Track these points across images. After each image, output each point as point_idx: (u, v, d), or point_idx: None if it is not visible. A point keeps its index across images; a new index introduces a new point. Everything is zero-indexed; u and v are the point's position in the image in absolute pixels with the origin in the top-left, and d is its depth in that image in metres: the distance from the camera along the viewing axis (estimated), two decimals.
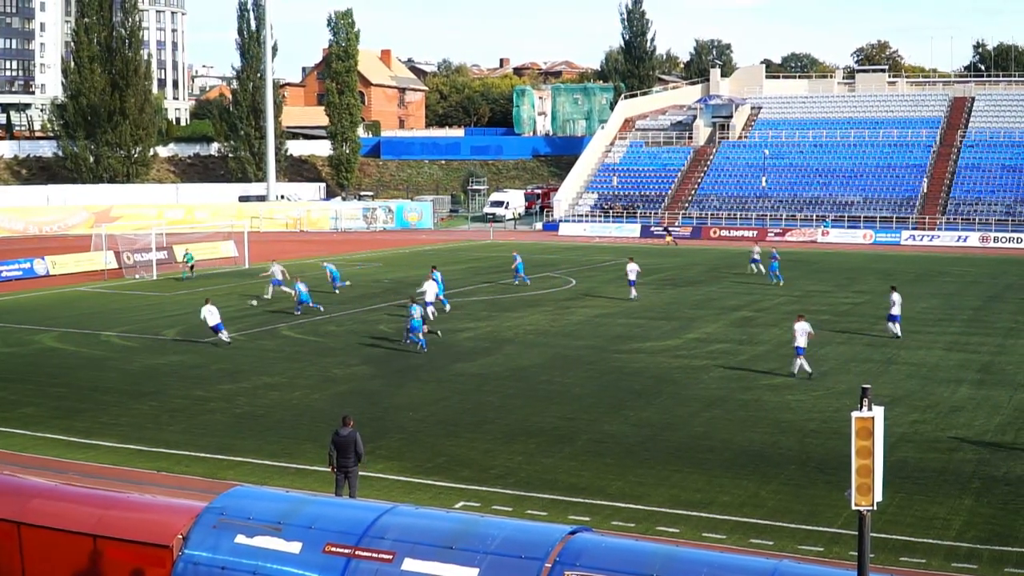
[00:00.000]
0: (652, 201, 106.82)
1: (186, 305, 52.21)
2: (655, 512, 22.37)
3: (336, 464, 21.95)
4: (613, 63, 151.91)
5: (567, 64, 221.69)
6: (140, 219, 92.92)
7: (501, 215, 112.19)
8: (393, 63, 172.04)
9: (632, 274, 54.71)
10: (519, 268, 59.00)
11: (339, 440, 21.84)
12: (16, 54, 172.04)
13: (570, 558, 13.83)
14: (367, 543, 14.52)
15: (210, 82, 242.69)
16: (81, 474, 24.60)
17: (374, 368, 37.37)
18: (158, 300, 53.93)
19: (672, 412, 30.96)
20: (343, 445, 21.80)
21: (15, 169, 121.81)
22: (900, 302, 43.09)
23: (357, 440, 21.93)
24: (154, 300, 53.94)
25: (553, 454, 26.67)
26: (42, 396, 33.51)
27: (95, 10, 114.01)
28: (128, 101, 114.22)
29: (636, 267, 55.11)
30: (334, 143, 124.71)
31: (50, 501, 16.87)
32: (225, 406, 32.08)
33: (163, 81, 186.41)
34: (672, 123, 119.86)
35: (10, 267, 65.82)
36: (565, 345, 41.76)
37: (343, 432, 21.89)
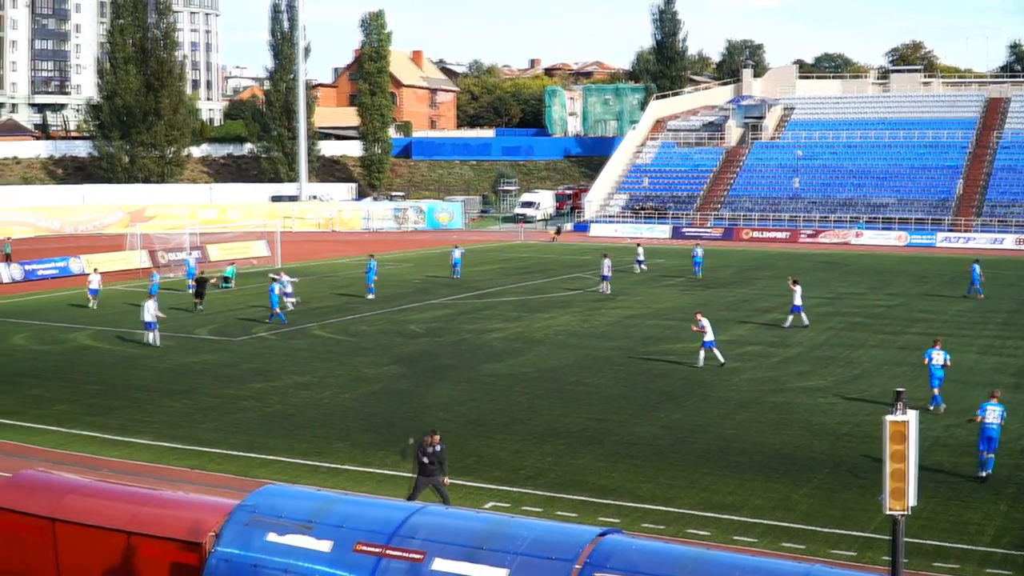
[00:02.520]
0: (683, 202, 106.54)
1: (219, 304, 52.47)
2: (686, 514, 22.34)
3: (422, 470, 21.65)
4: (644, 63, 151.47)
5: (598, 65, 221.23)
6: (174, 219, 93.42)
7: (531, 216, 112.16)
8: (424, 64, 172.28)
9: (606, 269, 56.89)
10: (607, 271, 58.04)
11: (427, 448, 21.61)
12: (52, 55, 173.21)
13: (600, 560, 13.84)
14: (397, 542, 14.57)
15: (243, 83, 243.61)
16: (115, 471, 24.78)
17: (404, 368, 37.45)
18: (191, 299, 54.10)
19: (703, 414, 30.89)
20: (430, 453, 21.58)
21: (51, 169, 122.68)
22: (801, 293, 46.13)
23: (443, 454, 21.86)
24: (187, 299, 54.17)
25: (583, 455, 26.67)
26: (77, 394, 33.76)
27: (130, 12, 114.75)
28: (162, 102, 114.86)
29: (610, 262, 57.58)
30: (365, 143, 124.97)
31: (84, 498, 17.00)
32: (257, 405, 32.24)
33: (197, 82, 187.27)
34: (703, 124, 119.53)
35: (45, 266, 66.30)
36: (595, 346, 41.73)
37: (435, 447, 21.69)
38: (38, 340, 43.38)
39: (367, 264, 55.92)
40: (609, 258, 57.62)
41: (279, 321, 46.76)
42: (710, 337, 37.42)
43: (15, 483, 17.79)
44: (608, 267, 56.91)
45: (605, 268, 56.81)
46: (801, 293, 45.94)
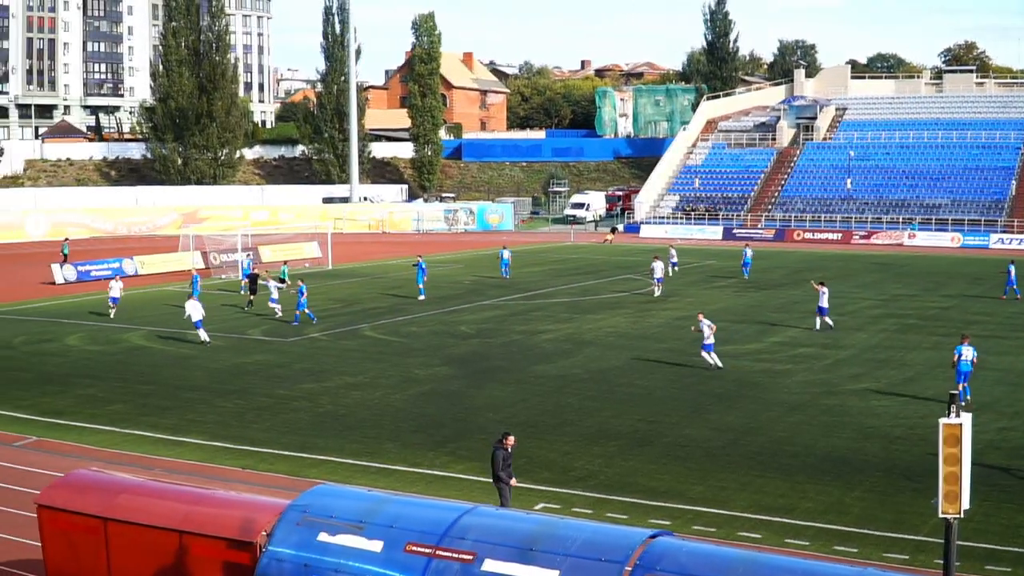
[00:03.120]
0: (734, 203, 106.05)
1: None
2: (737, 517, 22.22)
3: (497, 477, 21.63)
4: (696, 64, 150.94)
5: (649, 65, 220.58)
6: (226, 220, 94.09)
7: (582, 217, 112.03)
8: (475, 65, 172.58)
9: (658, 271, 56.66)
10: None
11: (502, 453, 21.56)
12: (105, 57, 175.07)
13: (650, 562, 13.78)
14: (448, 543, 14.57)
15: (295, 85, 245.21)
16: (167, 470, 24.99)
17: (455, 369, 37.51)
18: (243, 299, 54.53)
19: (754, 416, 30.72)
20: (504, 458, 21.53)
21: (104, 171, 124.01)
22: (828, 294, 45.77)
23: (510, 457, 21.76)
24: (240, 300, 54.58)
25: (633, 457, 26.59)
26: (130, 394, 34.09)
27: (183, 14, 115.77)
28: (215, 104, 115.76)
29: (662, 264, 57.51)
30: (416, 145, 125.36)
31: (136, 497, 17.12)
32: (308, 405, 32.41)
33: (249, 84, 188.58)
34: (755, 124, 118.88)
35: (99, 267, 66.99)
36: (646, 348, 41.62)
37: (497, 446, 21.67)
38: (92, 340, 43.84)
39: (417, 265, 56.08)
40: (661, 260, 57.38)
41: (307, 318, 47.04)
42: (709, 341, 37.17)
43: (68, 483, 17.94)
44: (660, 269, 56.65)
45: (657, 270, 56.51)
46: (828, 295, 45.54)
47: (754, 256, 66.95)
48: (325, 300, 54.94)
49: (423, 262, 56.30)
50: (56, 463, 25.66)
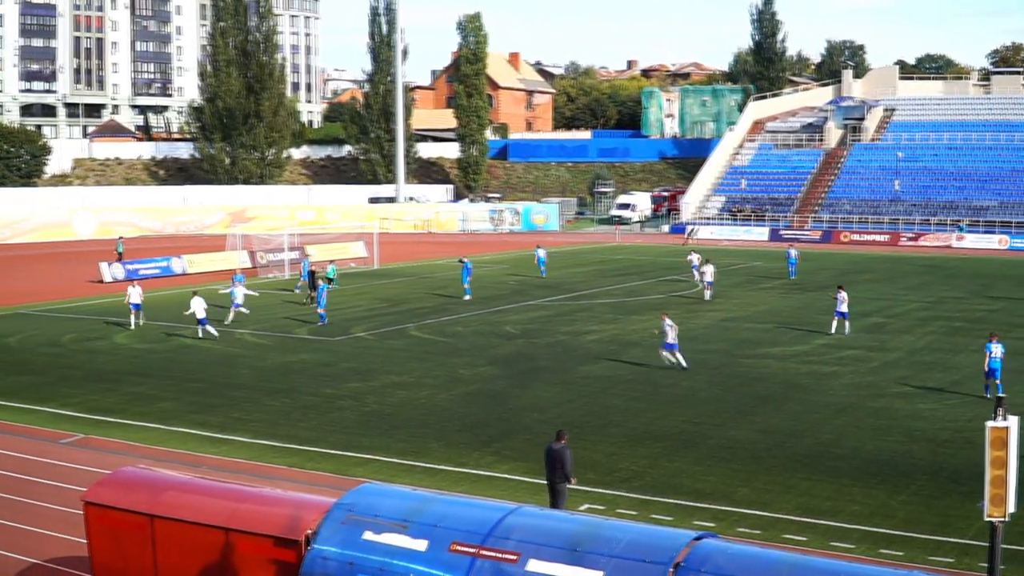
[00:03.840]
0: (781, 204, 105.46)
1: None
2: (782, 519, 22.11)
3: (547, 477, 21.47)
4: (743, 64, 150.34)
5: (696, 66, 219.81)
6: (273, 219, 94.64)
7: (627, 217, 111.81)
8: (521, 66, 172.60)
9: (709, 274, 55.85)
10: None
11: (550, 453, 21.37)
12: (154, 57, 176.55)
13: (695, 564, 13.73)
14: (492, 543, 14.58)
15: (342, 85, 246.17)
16: (214, 468, 25.18)
17: (500, 369, 37.54)
18: (290, 298, 54.86)
19: (800, 418, 30.55)
20: (551, 459, 21.33)
21: (153, 170, 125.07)
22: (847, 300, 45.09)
23: (566, 456, 21.31)
24: (286, 299, 54.90)
25: (678, 458, 26.52)
26: (178, 391, 34.36)
27: (231, 15, 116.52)
28: (263, 104, 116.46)
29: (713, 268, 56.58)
30: (462, 145, 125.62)
31: (183, 494, 17.23)
32: (354, 404, 32.54)
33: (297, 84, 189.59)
34: (803, 125, 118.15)
35: (147, 265, 67.61)
36: (691, 349, 41.39)
37: (555, 446, 21.40)
38: (140, 338, 44.22)
39: (462, 266, 56.18)
40: (712, 263, 56.76)
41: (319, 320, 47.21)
42: (672, 340, 37.11)
43: (115, 480, 18.08)
44: (711, 272, 55.85)
45: (708, 274, 55.74)
46: (846, 300, 44.83)
47: (799, 256, 66.64)
48: (371, 300, 55.17)
49: (468, 262, 56.41)
50: (103, 460, 25.91)
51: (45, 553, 20.33)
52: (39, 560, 20.03)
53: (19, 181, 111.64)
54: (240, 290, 48.18)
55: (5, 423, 30.49)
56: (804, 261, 66.67)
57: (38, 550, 20.51)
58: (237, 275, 52.70)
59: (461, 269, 56.37)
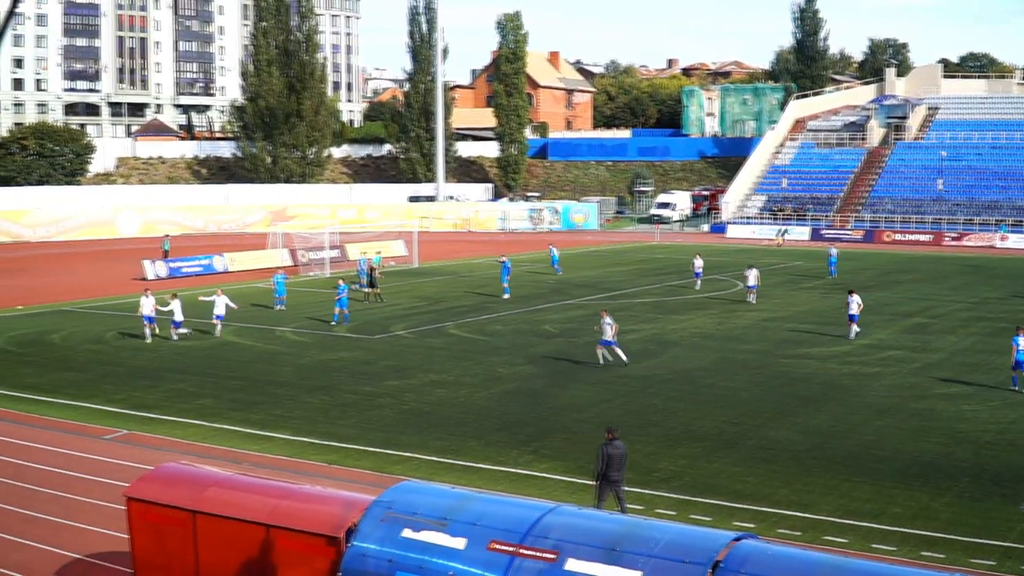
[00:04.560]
0: (823, 203, 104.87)
1: (356, 303, 53.23)
2: (822, 521, 21.99)
3: (604, 476, 21.31)
4: (784, 63, 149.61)
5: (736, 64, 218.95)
6: (314, 218, 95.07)
7: (667, 217, 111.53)
8: (561, 65, 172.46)
9: (752, 278, 54.23)
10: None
11: (613, 452, 21.26)
12: (197, 57, 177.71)
13: (735, 565, 13.68)
14: (531, 542, 14.58)
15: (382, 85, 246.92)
16: (255, 465, 25.33)
17: (539, 368, 37.53)
18: (330, 297, 55.03)
19: (841, 419, 30.37)
20: (616, 458, 21.26)
21: (195, 169, 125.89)
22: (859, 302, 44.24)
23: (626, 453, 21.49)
24: (326, 297, 55.07)
25: (718, 459, 26.42)
26: (220, 388, 34.58)
27: (272, 15, 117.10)
28: (304, 103, 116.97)
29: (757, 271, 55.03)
30: (502, 144, 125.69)
31: (224, 490, 17.33)
32: (393, 402, 32.63)
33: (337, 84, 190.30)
34: (845, 124, 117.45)
35: (190, 263, 68.11)
36: (731, 349, 41.32)
37: (618, 444, 21.36)
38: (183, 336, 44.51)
39: (500, 265, 56.19)
40: (756, 268, 55.48)
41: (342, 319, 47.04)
42: (608, 337, 37.30)
43: (157, 476, 18.22)
44: (754, 276, 54.22)
45: (751, 278, 54.24)
46: (859, 303, 43.89)
47: (839, 255, 66.22)
48: (411, 298, 55.31)
49: (508, 261, 56.43)
50: (146, 456, 26.10)
51: (88, 548, 20.52)
52: (81, 555, 20.21)
53: (63, 180, 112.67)
54: (223, 300, 44.99)
55: (49, 419, 30.79)
56: (847, 261, 66.31)
57: (81, 545, 20.70)
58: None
59: (500, 268, 56.39)
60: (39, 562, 19.96)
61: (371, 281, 54.32)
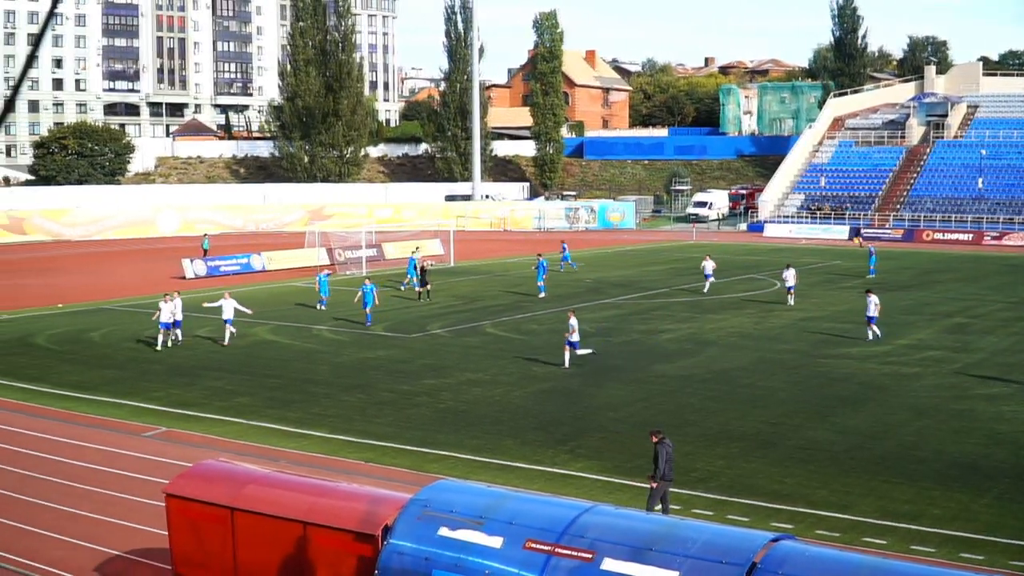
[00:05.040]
0: (862, 202, 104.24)
1: (394, 302, 53.37)
2: (861, 522, 21.85)
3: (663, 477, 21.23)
4: (822, 61, 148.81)
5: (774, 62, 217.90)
6: (351, 217, 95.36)
7: (704, 215, 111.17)
8: (598, 63, 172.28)
9: (790, 279, 52.92)
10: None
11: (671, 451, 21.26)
12: (235, 57, 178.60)
13: (773, 566, 13.61)
14: (567, 541, 14.57)
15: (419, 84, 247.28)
16: (293, 462, 25.43)
17: (574, 367, 37.46)
18: (400, 295, 55.12)
19: (881, 420, 30.17)
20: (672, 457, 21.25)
21: (234, 168, 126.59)
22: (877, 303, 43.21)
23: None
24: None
25: (755, 459, 26.31)
26: (257, 386, 34.74)
27: (310, 15, 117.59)
28: (341, 103, 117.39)
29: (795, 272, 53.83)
30: (538, 143, 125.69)
31: (263, 488, 17.42)
32: (430, 400, 32.68)
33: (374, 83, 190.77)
34: (884, 122, 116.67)
35: (228, 262, 68.46)
36: (769, 348, 41.14)
37: (669, 443, 21.31)
38: (220, 334, 44.70)
39: (537, 264, 56.07)
40: (793, 268, 54.23)
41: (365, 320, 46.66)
42: (575, 338, 36.98)
43: (196, 473, 18.33)
44: (792, 277, 52.96)
45: (790, 278, 53.03)
46: (876, 303, 42.94)
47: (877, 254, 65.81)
48: (447, 297, 55.37)
49: (544, 260, 56.37)
50: (184, 453, 26.27)
51: (127, 544, 20.66)
52: (121, 552, 20.36)
53: (103, 179, 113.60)
54: (231, 304, 42.92)
55: (89, 416, 31.05)
56: (886, 260, 65.89)
57: (120, 541, 20.84)
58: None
59: (536, 267, 56.33)
60: (79, 558, 20.12)
61: (423, 279, 54.52)
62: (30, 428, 29.70)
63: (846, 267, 70.48)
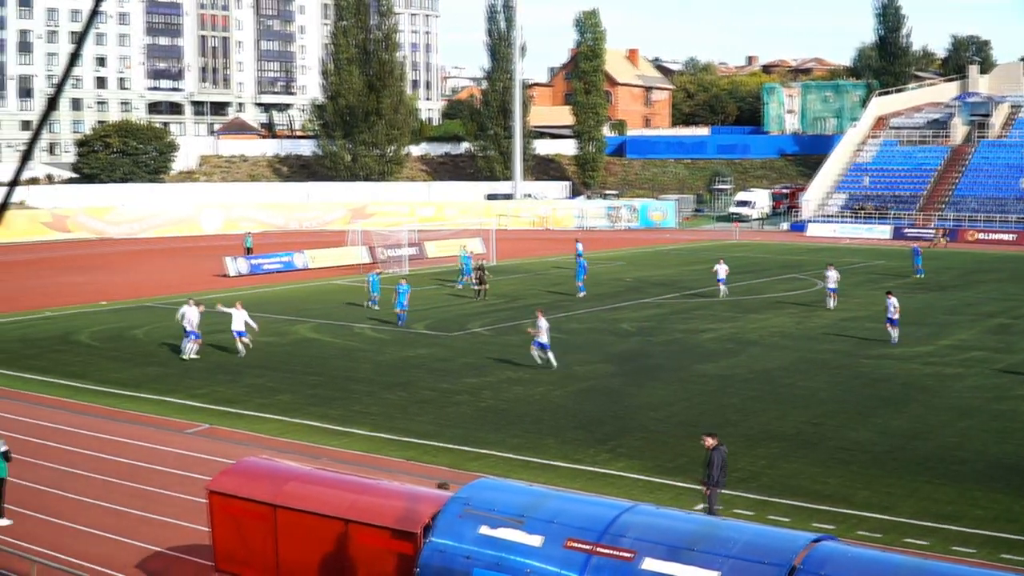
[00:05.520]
0: (905, 202, 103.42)
1: (435, 300, 53.51)
2: (903, 523, 21.75)
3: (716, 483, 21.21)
4: (866, 60, 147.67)
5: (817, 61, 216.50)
6: (393, 216, 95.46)
7: (746, 215, 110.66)
8: (640, 62, 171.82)
9: (831, 281, 51.35)
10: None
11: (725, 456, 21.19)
12: (278, 56, 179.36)
13: (814, 566, 13.59)
14: (608, 540, 14.60)
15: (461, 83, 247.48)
16: (334, 460, 25.56)
17: (615, 366, 37.46)
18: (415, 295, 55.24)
19: (922, 421, 29.98)
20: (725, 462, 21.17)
21: (276, 167, 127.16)
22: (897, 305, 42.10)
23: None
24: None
25: (797, 460, 26.22)
26: (299, 384, 34.93)
27: (352, 14, 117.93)
28: (383, 102, 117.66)
29: (836, 273, 51.93)
30: (580, 142, 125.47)
31: (304, 485, 17.55)
32: (470, 399, 32.75)
33: (416, 82, 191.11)
34: (927, 121, 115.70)
35: (271, 260, 68.85)
36: (810, 348, 40.94)
37: (723, 448, 21.24)
38: (262, 332, 44.93)
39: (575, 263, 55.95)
40: (835, 269, 52.58)
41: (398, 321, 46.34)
42: (544, 339, 36.55)
43: (238, 470, 18.48)
44: (834, 279, 51.44)
45: (831, 280, 51.26)
46: (895, 305, 41.81)
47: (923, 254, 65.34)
48: (488, 295, 55.40)
49: (584, 260, 56.25)
50: (227, 450, 26.47)
51: (169, 541, 20.85)
52: (163, 548, 20.54)
53: (147, 177, 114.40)
54: (241, 316, 40.39)
55: (132, 413, 31.33)
56: (929, 260, 65.37)
57: (162, 538, 21.03)
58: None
59: (576, 266, 56.20)
60: (121, 555, 20.32)
61: (481, 278, 54.64)
62: (73, 425, 30.01)
63: (888, 267, 70.00)
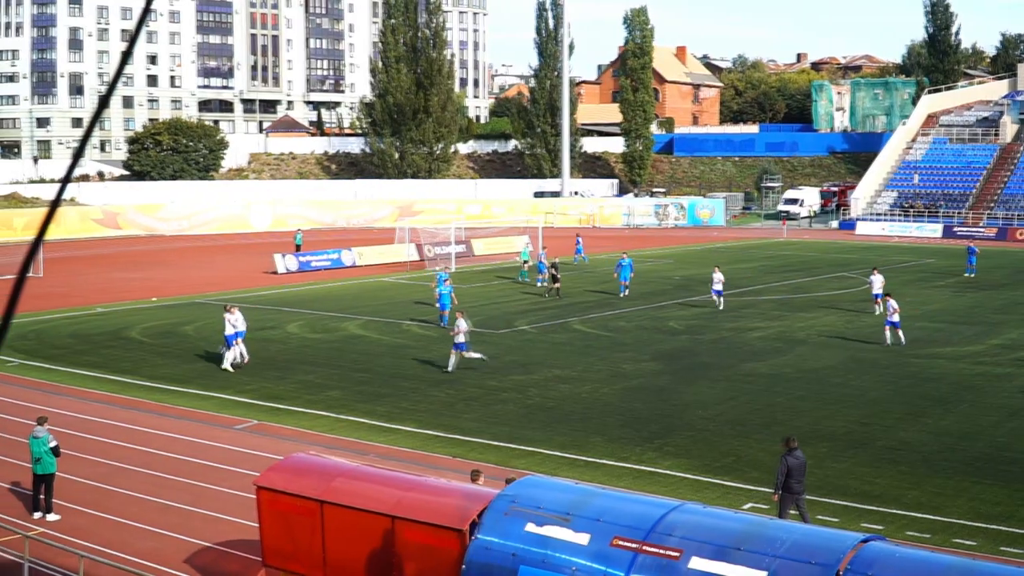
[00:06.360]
0: (955, 200, 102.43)
1: (481, 297, 53.58)
2: (952, 524, 21.56)
3: (786, 487, 20.95)
4: (916, 57, 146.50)
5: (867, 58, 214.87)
6: (440, 213, 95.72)
7: (795, 213, 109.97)
8: (688, 59, 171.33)
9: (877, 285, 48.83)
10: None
11: (794, 462, 20.92)
12: (327, 54, 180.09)
13: (862, 567, 13.50)
14: (654, 539, 14.56)
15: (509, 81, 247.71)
16: (382, 456, 25.66)
17: (663, 364, 37.36)
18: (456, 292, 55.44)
19: (973, 421, 29.70)
20: (797, 468, 20.91)
21: (325, 164, 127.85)
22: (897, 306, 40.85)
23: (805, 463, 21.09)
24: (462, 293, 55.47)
25: (845, 459, 26.04)
26: (346, 381, 35.09)
27: (401, 12, 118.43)
28: (432, 100, 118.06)
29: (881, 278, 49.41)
30: (628, 140, 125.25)
31: (351, 481, 17.62)
32: (517, 396, 32.77)
33: (464, 80, 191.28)
34: (977, 119, 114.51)
35: (319, 257, 69.22)
36: (859, 347, 40.64)
37: (799, 454, 21.02)
38: (311, 328, 45.26)
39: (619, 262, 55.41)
40: (880, 273, 50.24)
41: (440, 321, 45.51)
42: (461, 340, 35.95)
43: (286, 465, 18.58)
44: (879, 284, 48.50)
45: (876, 284, 48.74)
46: (895, 307, 40.64)
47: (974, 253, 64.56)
48: (536, 293, 55.41)
49: (629, 260, 55.42)
50: (275, 446, 26.65)
51: (217, 536, 21.01)
52: (211, 543, 20.70)
53: (197, 174, 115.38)
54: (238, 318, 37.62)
55: (182, 409, 31.60)
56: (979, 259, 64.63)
57: (211, 533, 21.20)
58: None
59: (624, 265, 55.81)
60: (170, 549, 20.49)
61: (554, 276, 54.75)
62: (123, 420, 30.31)
63: (939, 266, 69.37)
